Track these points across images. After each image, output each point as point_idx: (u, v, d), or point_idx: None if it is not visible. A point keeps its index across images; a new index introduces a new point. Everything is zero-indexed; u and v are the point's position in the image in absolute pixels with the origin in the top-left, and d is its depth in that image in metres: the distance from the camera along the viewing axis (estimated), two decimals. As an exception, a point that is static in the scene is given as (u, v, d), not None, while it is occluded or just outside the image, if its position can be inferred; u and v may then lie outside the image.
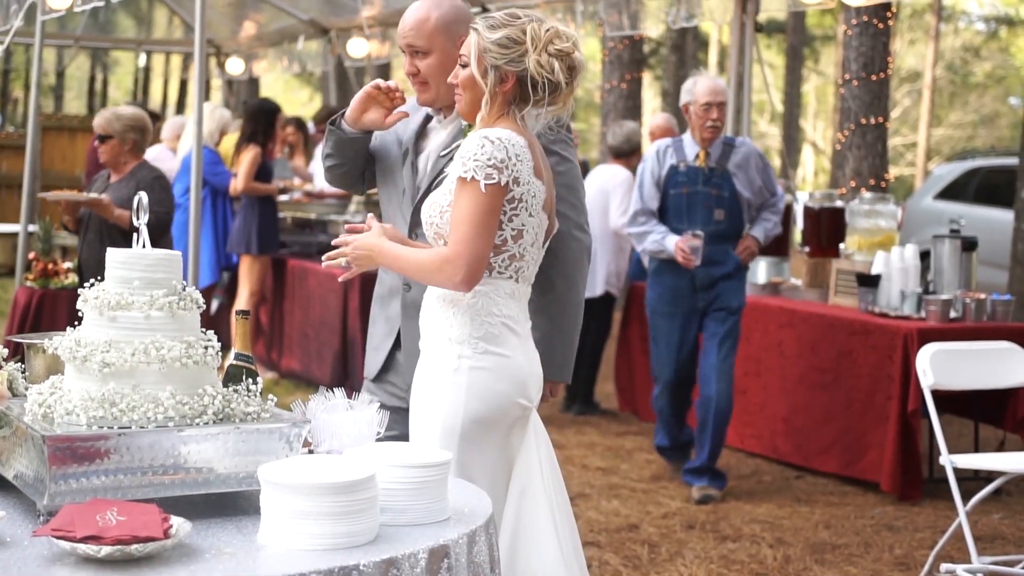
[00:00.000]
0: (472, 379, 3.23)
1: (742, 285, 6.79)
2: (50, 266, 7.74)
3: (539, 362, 3.37)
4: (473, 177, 3.14)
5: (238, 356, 3.03)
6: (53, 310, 7.62)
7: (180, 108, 31.68)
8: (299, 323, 9.64)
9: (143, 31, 18.08)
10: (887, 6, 9.95)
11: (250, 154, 9.41)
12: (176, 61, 30.82)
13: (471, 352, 3.23)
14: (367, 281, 8.75)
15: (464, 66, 3.28)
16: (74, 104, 34.89)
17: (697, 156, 6.67)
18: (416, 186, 3.76)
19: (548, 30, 3.21)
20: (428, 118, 3.83)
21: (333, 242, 3.39)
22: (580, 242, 3.75)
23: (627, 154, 9.04)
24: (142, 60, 30.51)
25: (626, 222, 6.86)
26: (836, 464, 7.06)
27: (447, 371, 3.25)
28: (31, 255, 8.04)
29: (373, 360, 3.90)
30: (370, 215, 3.39)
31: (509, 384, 3.25)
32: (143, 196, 2.89)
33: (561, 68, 3.20)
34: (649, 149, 6.66)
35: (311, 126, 11.99)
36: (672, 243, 6.56)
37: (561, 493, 3.34)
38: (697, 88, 6.65)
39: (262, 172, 9.49)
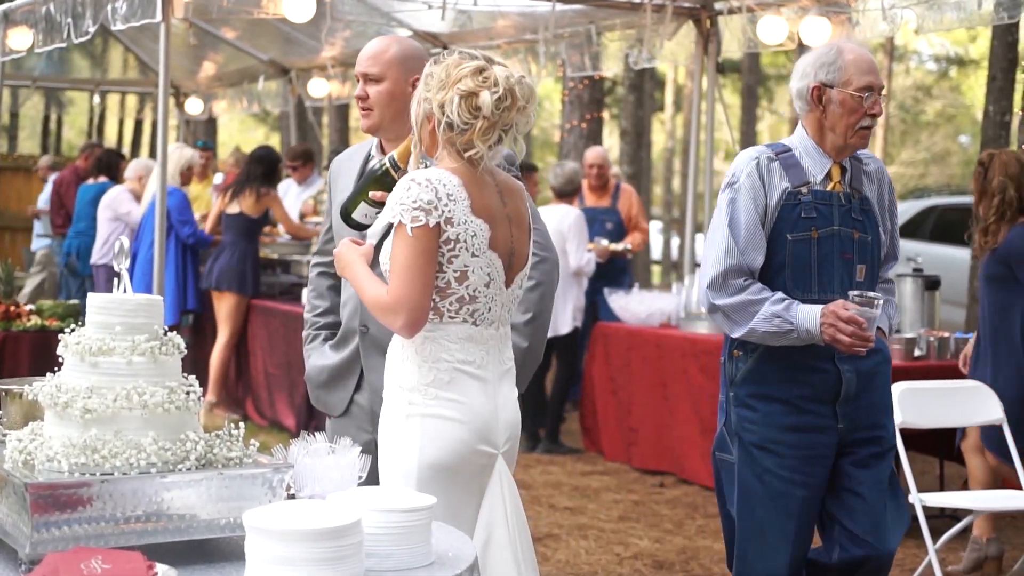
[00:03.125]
0: (425, 426, 3.19)
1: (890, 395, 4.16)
2: (12, 308, 7.66)
3: (512, 406, 3.32)
4: (400, 221, 3.12)
5: (393, 161, 3.46)
6: (15, 352, 7.54)
7: (135, 147, 31.54)
8: (262, 363, 9.59)
9: (98, 71, 17.96)
10: (846, 47, 10.06)
11: (278, 200, 9.81)
12: (131, 100, 30.71)
13: (421, 399, 3.20)
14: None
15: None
16: (27, 144, 34.65)
17: (829, 175, 3.99)
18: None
19: (465, 68, 3.16)
20: (367, 160, 3.89)
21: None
22: (548, 261, 3.81)
23: (570, 194, 9.21)
24: (97, 100, 30.44)
25: (704, 292, 3.96)
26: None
27: (400, 418, 3.23)
28: (-8, 297, 7.96)
29: (337, 398, 3.89)
30: (371, 242, 3.39)
31: (466, 431, 3.20)
32: (124, 241, 2.88)
33: (461, 107, 3.14)
34: (737, 161, 3.99)
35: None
36: (812, 317, 3.81)
37: (527, 543, 3.30)
38: (847, 61, 3.93)
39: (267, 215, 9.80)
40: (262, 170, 9.76)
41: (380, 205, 3.45)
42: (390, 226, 3.22)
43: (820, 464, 3.95)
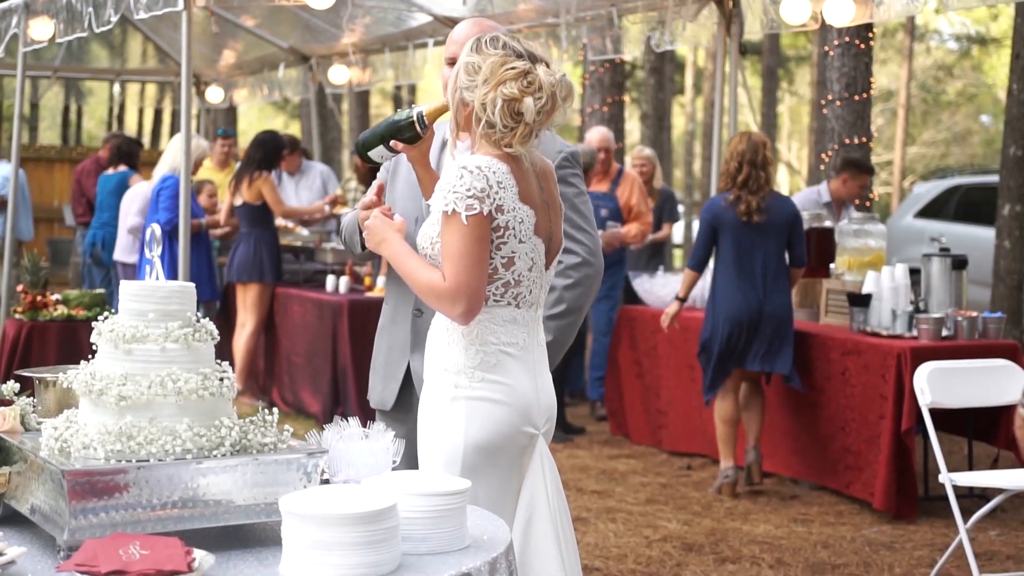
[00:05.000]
0: (471, 409, 3.21)
1: None
2: (39, 298, 7.69)
3: (550, 386, 3.34)
4: (454, 209, 3.12)
5: (421, 116, 3.44)
6: (43, 342, 7.57)
7: (155, 136, 31.62)
8: (286, 351, 9.61)
9: (118, 60, 17.96)
10: (868, 27, 9.98)
11: (268, 182, 9.61)
12: (151, 90, 30.77)
13: (467, 381, 3.21)
14: (356, 309, 8.76)
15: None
16: (48, 134, 34.78)
17: None
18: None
19: (511, 69, 3.15)
20: (443, 144, 3.83)
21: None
22: (592, 266, 3.78)
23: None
24: (117, 89, 30.51)
25: None
26: (832, 483, 7.07)
27: (445, 400, 3.24)
28: (19, 288, 8.00)
29: (387, 390, 3.88)
30: (399, 217, 3.40)
31: (511, 412, 3.22)
32: (156, 229, 2.88)
33: (504, 112, 3.15)
34: None
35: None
36: None
37: (566, 521, 3.32)
38: None
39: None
40: (261, 154, 9.65)
41: (393, 151, 3.53)
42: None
43: None
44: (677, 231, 28.74)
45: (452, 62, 3.74)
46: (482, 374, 3.21)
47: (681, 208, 30.70)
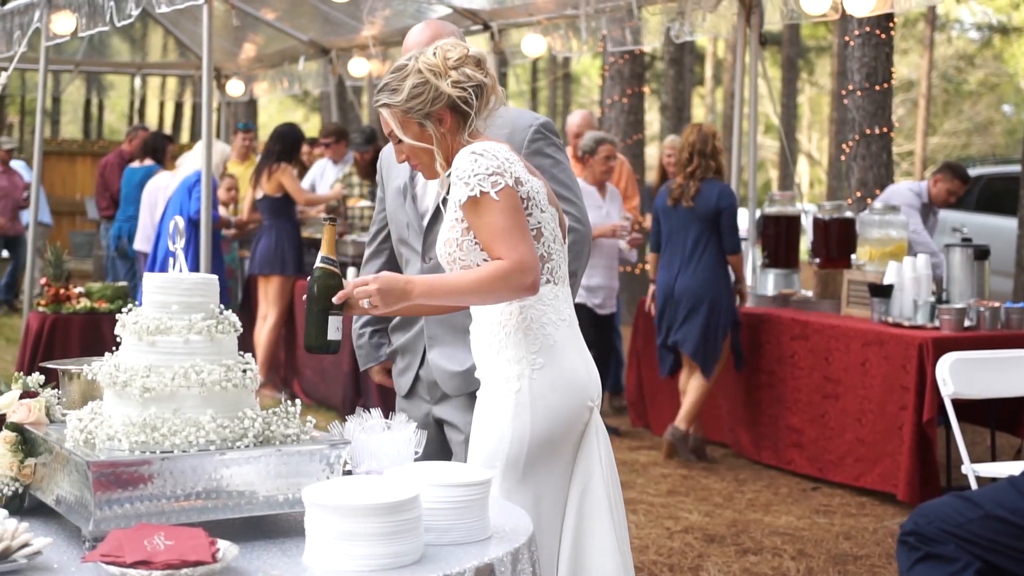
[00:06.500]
0: (535, 403, 3.21)
1: None
2: (62, 291, 7.73)
3: (592, 359, 3.35)
4: (482, 191, 3.12)
5: (324, 259, 3.10)
6: (65, 335, 7.61)
7: (175, 130, 31.71)
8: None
9: (139, 54, 18.01)
10: (889, 16, 9.96)
11: (287, 173, 9.56)
12: (172, 83, 30.87)
13: (529, 370, 3.21)
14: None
15: (399, 142, 3.25)
16: (69, 128, 34.90)
17: None
18: (420, 213, 3.80)
19: (435, 52, 3.20)
20: (411, 177, 3.86)
21: (353, 285, 3.13)
22: (580, 232, 3.79)
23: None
24: (138, 83, 30.55)
25: None
26: (850, 475, 7.06)
27: (509, 395, 3.23)
28: (43, 280, 8.04)
29: (402, 380, 3.94)
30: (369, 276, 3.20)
31: (572, 396, 3.23)
32: (179, 221, 2.90)
33: (473, 71, 3.20)
34: None
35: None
36: None
37: (617, 492, 3.35)
38: None
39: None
40: (280, 147, 9.61)
41: (342, 308, 3.14)
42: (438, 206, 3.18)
43: None
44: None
45: None
46: (543, 360, 3.20)
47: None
